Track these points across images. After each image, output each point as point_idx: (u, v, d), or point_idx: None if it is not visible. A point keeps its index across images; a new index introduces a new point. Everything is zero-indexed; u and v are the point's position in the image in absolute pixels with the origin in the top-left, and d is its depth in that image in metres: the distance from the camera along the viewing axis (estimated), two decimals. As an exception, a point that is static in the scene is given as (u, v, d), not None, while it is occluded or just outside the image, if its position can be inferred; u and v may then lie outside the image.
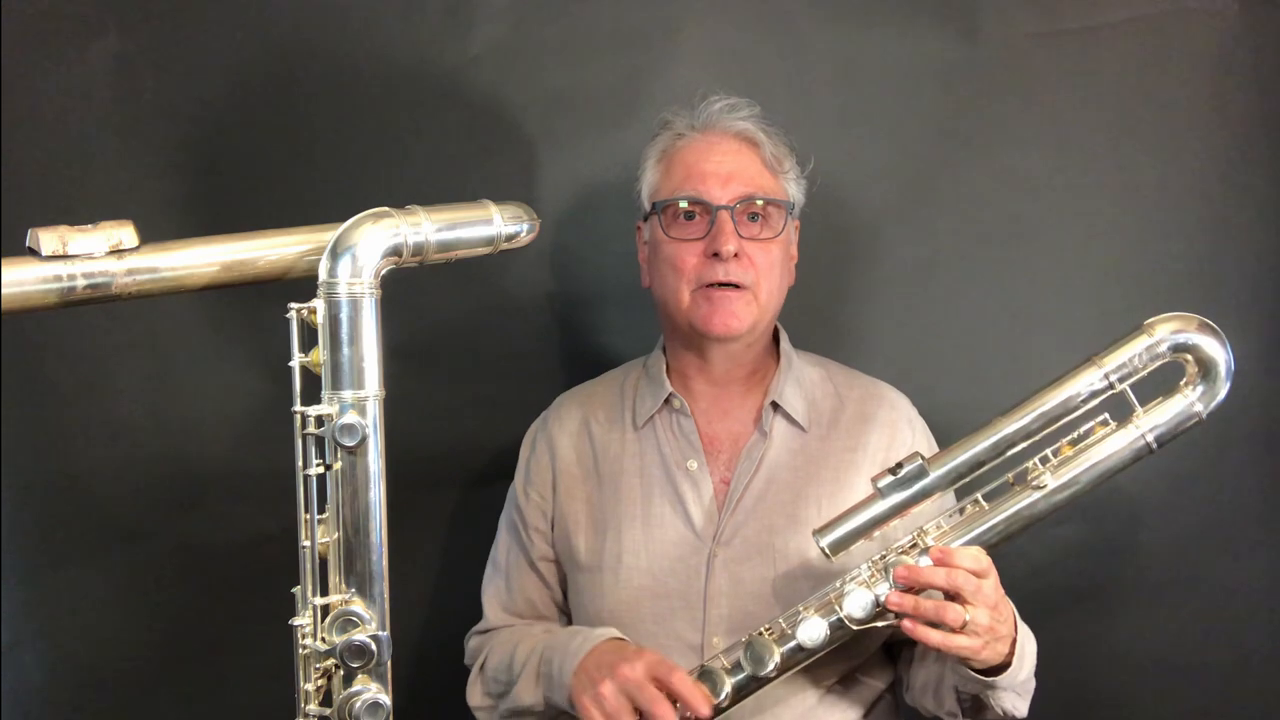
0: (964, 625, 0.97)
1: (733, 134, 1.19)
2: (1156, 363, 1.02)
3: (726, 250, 1.12)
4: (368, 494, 0.84)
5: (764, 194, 1.17)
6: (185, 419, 1.50)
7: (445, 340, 1.54)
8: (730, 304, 1.14)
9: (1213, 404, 1.03)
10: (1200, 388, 1.03)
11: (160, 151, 1.48)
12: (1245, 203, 1.49)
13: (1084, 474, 1.04)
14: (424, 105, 1.51)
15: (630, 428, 1.23)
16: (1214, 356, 1.02)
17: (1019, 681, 1.05)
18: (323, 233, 0.84)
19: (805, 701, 1.14)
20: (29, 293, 0.74)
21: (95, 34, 1.46)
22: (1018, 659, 1.03)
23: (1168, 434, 1.03)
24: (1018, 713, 1.08)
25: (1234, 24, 1.47)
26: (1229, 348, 1.03)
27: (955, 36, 1.50)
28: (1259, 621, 1.51)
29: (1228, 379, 1.02)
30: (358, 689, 0.84)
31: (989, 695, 1.05)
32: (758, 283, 1.15)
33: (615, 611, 1.17)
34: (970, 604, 0.97)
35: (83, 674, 1.51)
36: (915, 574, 0.99)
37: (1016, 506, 1.04)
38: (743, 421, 1.21)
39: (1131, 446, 1.03)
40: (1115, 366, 1.01)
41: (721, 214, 1.14)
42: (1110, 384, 1.02)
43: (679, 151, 1.20)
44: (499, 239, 0.89)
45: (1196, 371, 1.03)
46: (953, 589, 0.97)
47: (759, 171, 1.18)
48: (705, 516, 1.17)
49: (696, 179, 1.16)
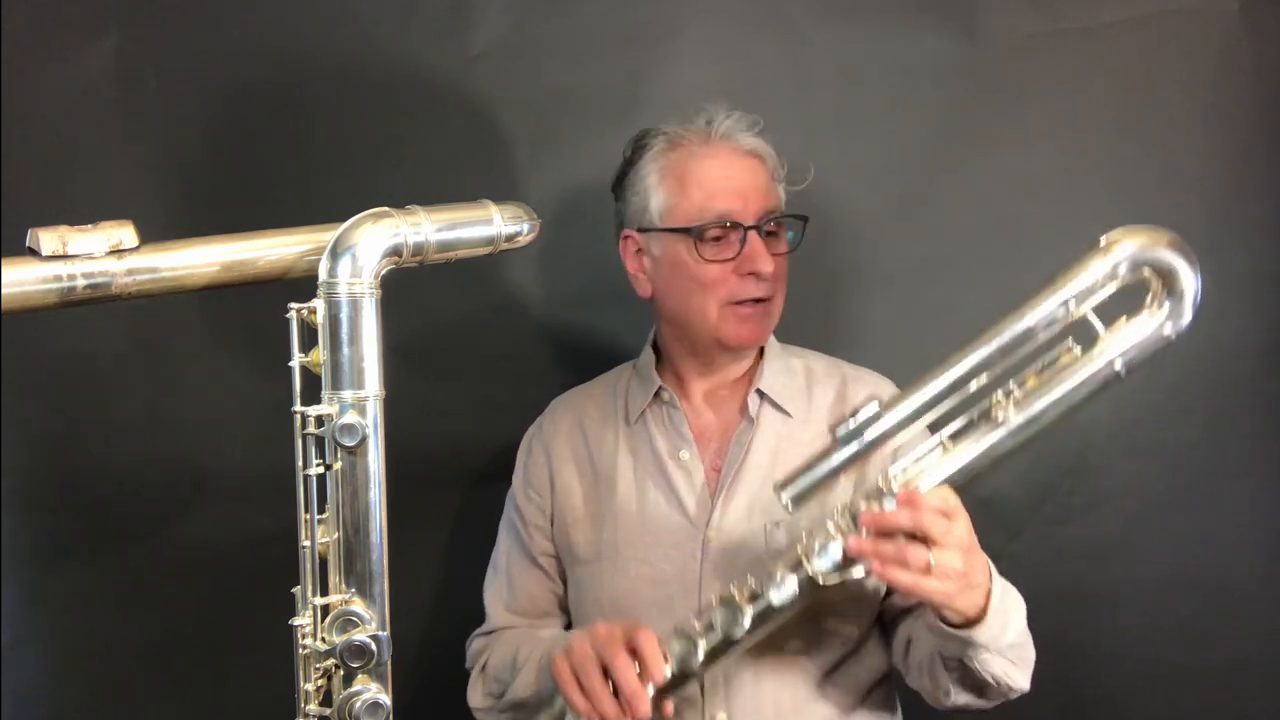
0: (930, 568, 0.95)
1: (745, 150, 1.19)
2: (1118, 282, 0.96)
3: (767, 271, 1.16)
4: (368, 494, 0.84)
5: (778, 209, 1.20)
6: (185, 419, 1.50)
7: (445, 340, 1.54)
8: (760, 319, 1.19)
9: (1181, 323, 0.96)
10: (1166, 305, 0.96)
11: (160, 151, 1.48)
12: (1245, 203, 1.49)
13: (1050, 408, 0.98)
14: (424, 105, 1.51)
15: (623, 424, 1.26)
16: (1175, 268, 0.95)
17: (1004, 644, 1.01)
18: (323, 233, 0.84)
19: (798, 691, 1.14)
20: (29, 293, 0.74)
21: (95, 34, 1.46)
22: (996, 613, 0.99)
23: (1136, 358, 0.97)
24: (1013, 682, 1.05)
25: (1234, 24, 1.47)
26: (1195, 263, 0.96)
27: (954, 36, 1.50)
28: (1257, 621, 1.51)
29: (1193, 296, 0.96)
30: (358, 689, 0.84)
31: (973, 657, 1.01)
32: (777, 293, 1.20)
33: (616, 601, 1.18)
34: (939, 545, 0.94)
35: (83, 674, 1.51)
36: (879, 519, 0.97)
37: (982, 444, 0.99)
38: (731, 411, 1.24)
39: (1099, 375, 0.97)
40: (1074, 291, 0.95)
41: (753, 234, 1.16)
42: (1069, 306, 0.95)
43: (689, 169, 1.19)
44: (499, 239, 0.89)
45: (1161, 287, 0.97)
46: (920, 531, 0.95)
47: (769, 187, 1.20)
48: (698, 503, 1.19)
49: (722, 199, 1.17)
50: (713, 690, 1.13)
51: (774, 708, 1.14)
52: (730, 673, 1.13)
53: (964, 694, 1.08)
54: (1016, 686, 1.06)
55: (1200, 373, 1.49)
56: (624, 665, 1.00)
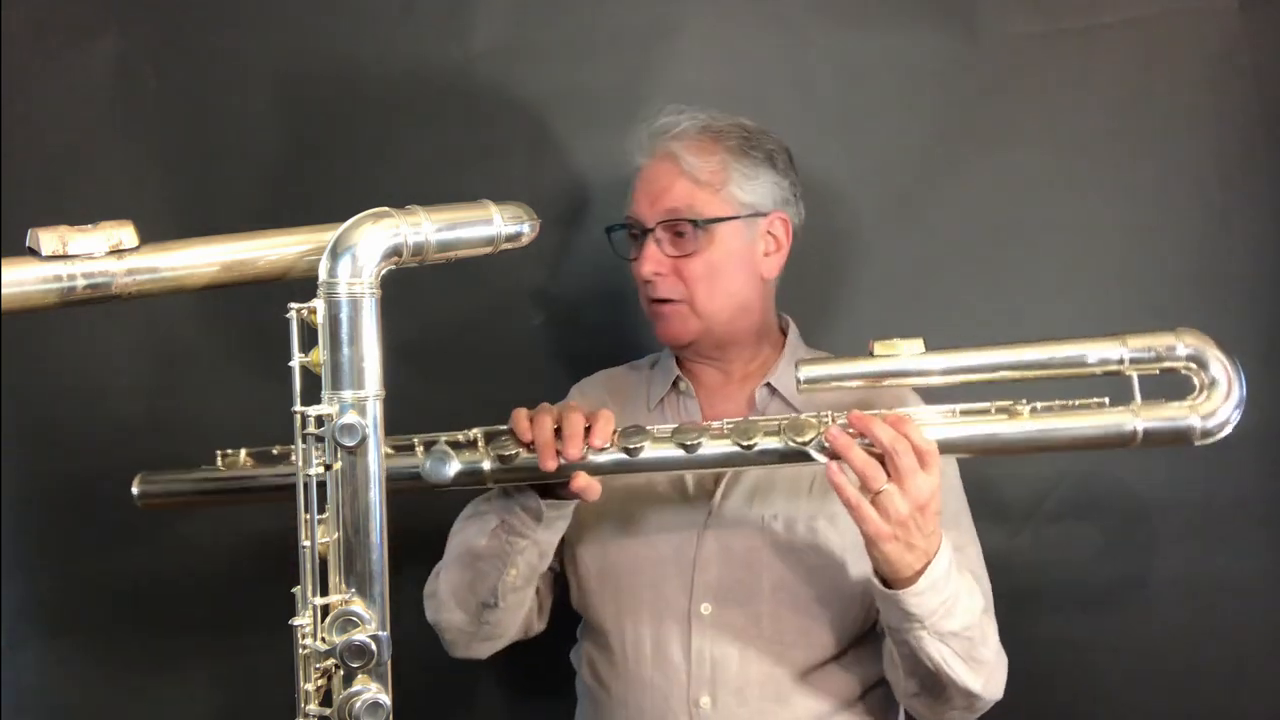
0: (879, 495, 0.97)
1: (662, 152, 1.23)
2: (1170, 364, 1.02)
3: (644, 273, 1.20)
4: (368, 494, 0.84)
5: (686, 213, 1.19)
6: (185, 419, 1.50)
7: (445, 340, 1.54)
8: (668, 318, 1.22)
9: (1209, 425, 1.02)
10: (1205, 407, 1.02)
11: (160, 151, 1.48)
12: (1245, 203, 1.49)
13: (1062, 429, 1.02)
14: (424, 105, 1.51)
15: (644, 409, 1.29)
16: (1220, 380, 1.02)
17: (945, 629, 1.02)
18: (323, 233, 0.84)
19: (783, 683, 1.15)
20: (29, 293, 0.74)
21: (95, 34, 1.46)
22: (932, 587, 1.00)
23: (1155, 434, 1.02)
24: (958, 677, 1.04)
25: (1234, 24, 1.47)
26: (1243, 388, 1.03)
27: (955, 36, 1.50)
28: (1257, 621, 1.50)
29: (1234, 411, 1.02)
30: (358, 689, 0.84)
31: (909, 632, 1.02)
32: (691, 295, 1.20)
33: (614, 570, 1.21)
34: (897, 481, 0.97)
35: (83, 674, 1.51)
36: (864, 421, 1.00)
37: (986, 427, 1.03)
38: (743, 404, 1.26)
39: (1118, 428, 1.02)
40: (1136, 349, 1.01)
41: (649, 236, 1.20)
42: (1123, 362, 1.01)
43: (635, 173, 1.26)
44: (499, 239, 0.90)
45: (1205, 387, 1.03)
46: (890, 452, 0.97)
47: (678, 188, 1.20)
48: (702, 489, 1.22)
49: (633, 200, 1.23)
50: (698, 674, 1.15)
51: (758, 695, 1.14)
52: (716, 656, 1.15)
53: (914, 684, 1.08)
54: (965, 684, 1.05)
55: (1200, 373, 1.49)
56: (575, 419, 1.05)
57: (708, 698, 1.14)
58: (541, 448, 1.05)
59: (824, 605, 1.16)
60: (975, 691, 1.06)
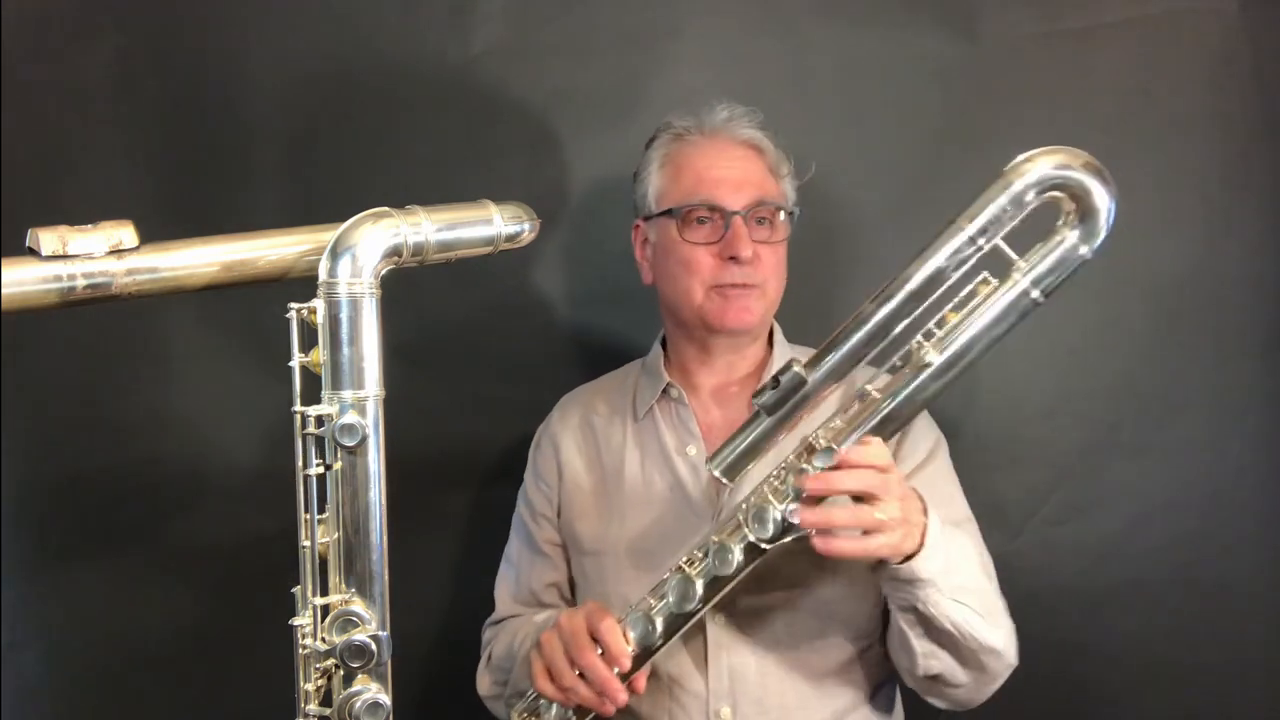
0: (877, 525, 0.95)
1: (740, 141, 1.23)
2: (1026, 209, 0.94)
3: (745, 255, 1.17)
4: (368, 494, 0.84)
5: (771, 199, 1.21)
6: (185, 419, 1.50)
7: (445, 340, 1.54)
8: (744, 300, 1.19)
9: (1095, 241, 0.95)
10: (1079, 228, 0.95)
11: (160, 151, 1.48)
12: (1245, 203, 1.49)
13: (970, 343, 0.97)
14: (424, 105, 1.51)
15: (631, 419, 1.28)
16: (1087, 186, 0.94)
17: (953, 584, 1.01)
18: (323, 233, 0.85)
19: (802, 688, 1.15)
20: (29, 293, 0.74)
21: (95, 34, 1.46)
22: (935, 546, 0.99)
23: (1052, 282, 0.96)
24: (978, 634, 1.02)
25: (1234, 24, 1.47)
26: (1105, 179, 0.95)
27: (955, 36, 1.50)
28: (1257, 621, 1.51)
29: (1107, 212, 0.95)
30: (358, 689, 0.84)
31: (924, 599, 1.01)
32: (767, 280, 1.21)
33: (621, 592, 1.19)
34: (880, 499, 0.96)
35: (83, 674, 1.51)
36: (825, 481, 0.97)
37: (907, 390, 0.99)
38: (738, 408, 1.25)
39: (1016, 304, 0.97)
40: (980, 225, 0.94)
41: (736, 219, 1.18)
42: (978, 245, 0.94)
43: (686, 156, 1.23)
44: (499, 239, 0.90)
45: (1073, 209, 0.95)
46: (865, 491, 0.96)
47: (764, 177, 1.22)
48: (704, 499, 1.20)
49: (710, 185, 1.20)
50: (717, 685, 1.14)
51: (778, 703, 1.14)
52: (735, 668, 1.14)
53: (932, 647, 1.05)
54: (986, 641, 1.03)
55: (1200, 372, 1.49)
56: (591, 661, 1.03)
57: (728, 708, 1.14)
58: (588, 701, 1.04)
59: (837, 605, 1.15)
60: (999, 648, 1.05)
